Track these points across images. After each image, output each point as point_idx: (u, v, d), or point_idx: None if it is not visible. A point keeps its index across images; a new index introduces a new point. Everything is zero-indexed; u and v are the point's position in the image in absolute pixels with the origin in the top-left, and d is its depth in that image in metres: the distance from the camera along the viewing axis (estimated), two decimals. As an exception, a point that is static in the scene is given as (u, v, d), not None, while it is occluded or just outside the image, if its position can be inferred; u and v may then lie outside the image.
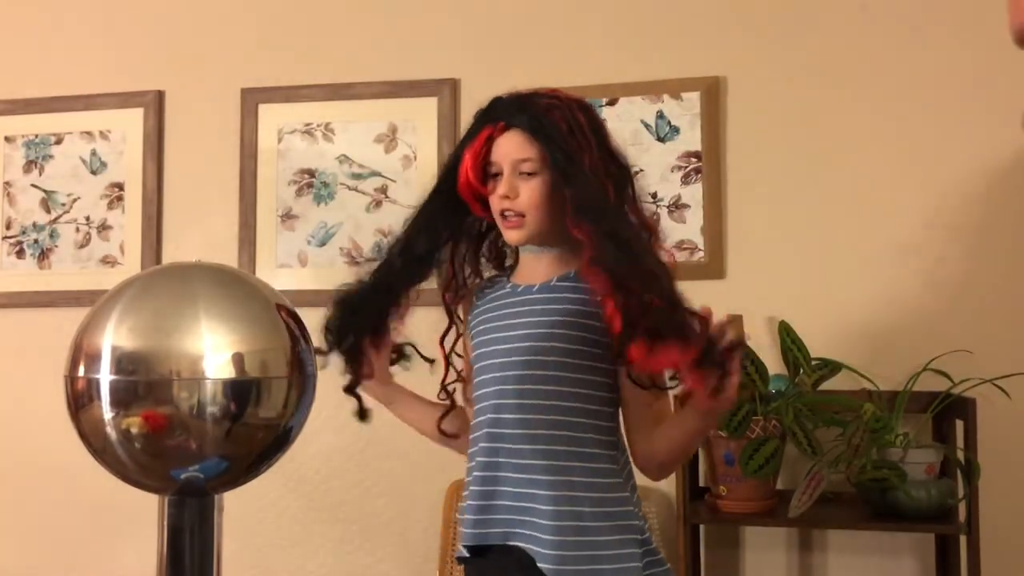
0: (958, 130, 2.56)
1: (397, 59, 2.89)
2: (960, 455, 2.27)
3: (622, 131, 2.65)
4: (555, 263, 1.63)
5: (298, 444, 1.63)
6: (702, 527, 2.57)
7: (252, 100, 2.96)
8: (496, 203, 1.61)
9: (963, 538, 2.28)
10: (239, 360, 1.48)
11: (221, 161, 2.97)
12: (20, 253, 3.10)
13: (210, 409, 1.45)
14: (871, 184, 2.59)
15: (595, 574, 1.53)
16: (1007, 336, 2.49)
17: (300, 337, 1.60)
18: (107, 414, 1.46)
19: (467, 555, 1.62)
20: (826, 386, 2.39)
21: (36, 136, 3.10)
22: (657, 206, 2.66)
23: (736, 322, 2.40)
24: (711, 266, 2.64)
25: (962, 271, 2.53)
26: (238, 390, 1.47)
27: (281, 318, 1.57)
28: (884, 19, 2.62)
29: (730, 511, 2.36)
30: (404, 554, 2.82)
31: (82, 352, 1.50)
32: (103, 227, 3.04)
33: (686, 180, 2.67)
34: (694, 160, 2.67)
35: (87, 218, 3.05)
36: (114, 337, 1.48)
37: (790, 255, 2.62)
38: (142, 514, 1.86)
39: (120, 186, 3.04)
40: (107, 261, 3.03)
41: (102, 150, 3.05)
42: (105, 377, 1.46)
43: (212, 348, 1.47)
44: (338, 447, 2.85)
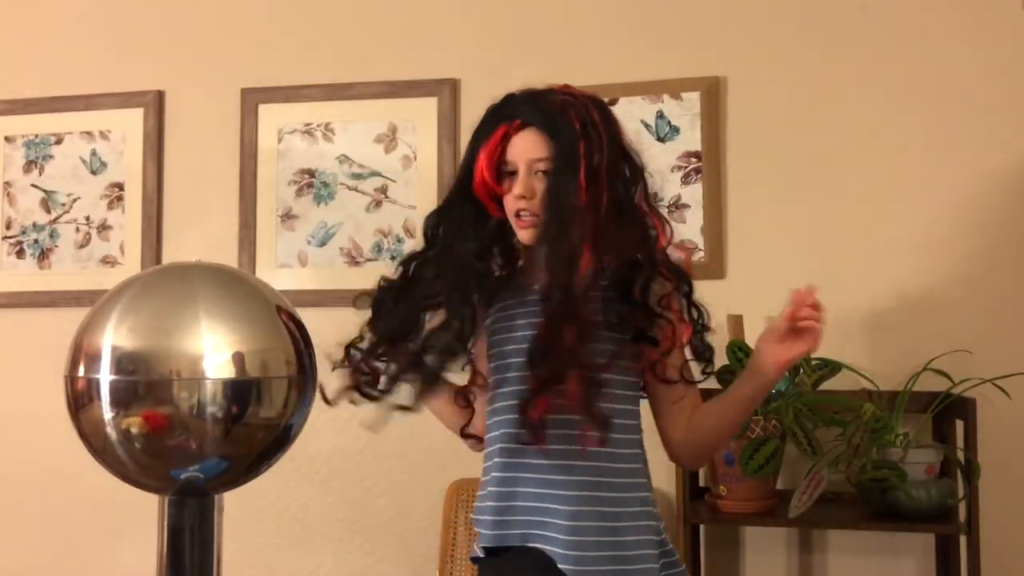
0: (958, 130, 2.56)
1: (397, 59, 2.89)
2: (960, 455, 2.27)
3: (622, 131, 2.65)
4: None
5: (298, 444, 1.63)
6: (702, 527, 2.57)
7: (252, 100, 2.96)
8: (512, 203, 1.60)
9: (963, 538, 2.28)
10: (239, 360, 1.48)
11: (221, 161, 2.98)
12: (20, 253, 3.10)
13: (210, 409, 1.45)
14: (871, 184, 2.59)
15: (617, 575, 1.52)
16: (1007, 336, 2.49)
17: (300, 337, 1.59)
18: (107, 414, 1.46)
19: (481, 555, 1.62)
20: (826, 386, 2.39)
21: (36, 136, 3.10)
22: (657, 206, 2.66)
23: (736, 322, 2.40)
24: (711, 266, 2.64)
25: (962, 271, 2.53)
26: (238, 390, 1.47)
27: (281, 318, 1.57)
28: (884, 19, 2.62)
29: (730, 511, 2.36)
30: (404, 554, 2.82)
31: (82, 352, 1.50)
32: (103, 227, 3.04)
33: (686, 180, 2.67)
34: (694, 160, 2.67)
35: (87, 218, 3.05)
36: (114, 337, 1.48)
37: (790, 255, 2.62)
38: (142, 514, 1.86)
39: (120, 186, 3.04)
40: (107, 261, 3.03)
41: (102, 150, 3.05)
42: (105, 377, 1.46)
43: (212, 348, 1.47)
44: (338, 447, 2.85)
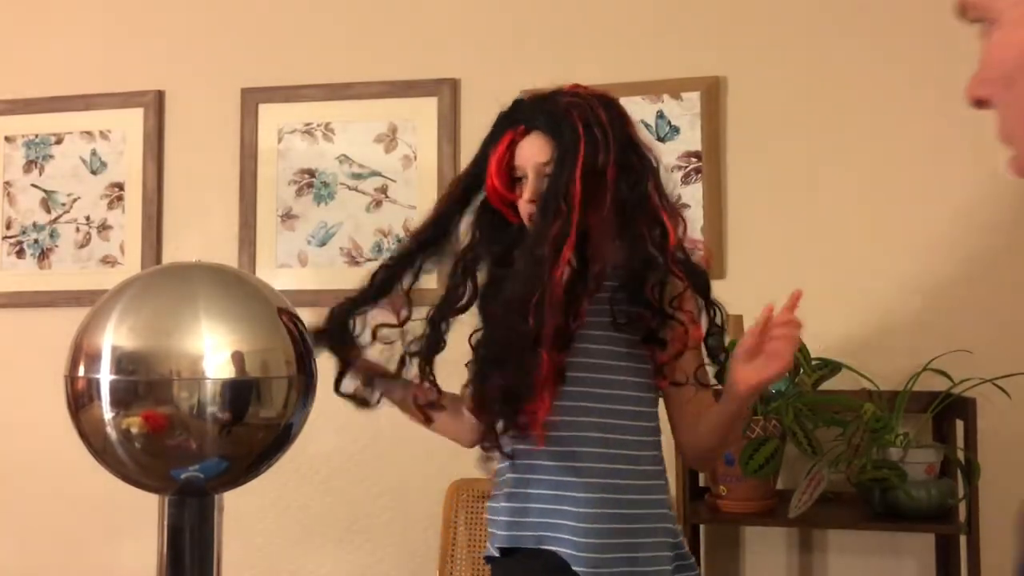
0: (959, 130, 2.55)
1: (397, 59, 2.89)
2: (960, 455, 2.27)
3: (622, 131, 2.65)
4: None
5: (298, 444, 1.63)
6: (702, 527, 2.57)
7: (252, 100, 2.96)
8: (524, 207, 1.60)
9: (963, 538, 2.28)
10: (239, 360, 1.48)
11: (221, 161, 2.98)
12: (20, 253, 3.10)
13: (210, 409, 1.45)
14: (871, 184, 2.59)
15: None
16: (1007, 336, 2.49)
17: (300, 337, 1.59)
18: (107, 414, 1.46)
19: (497, 555, 1.62)
20: (826, 386, 2.39)
21: (36, 136, 3.10)
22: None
23: (736, 322, 2.40)
24: (711, 266, 2.64)
25: (962, 271, 2.53)
26: (238, 390, 1.47)
27: (281, 318, 1.57)
28: (884, 19, 2.62)
29: (730, 511, 2.36)
30: (404, 554, 2.82)
31: (82, 352, 1.50)
32: (103, 227, 3.04)
33: (686, 180, 2.67)
34: (694, 160, 2.67)
35: (87, 218, 3.05)
36: (114, 337, 1.48)
37: (790, 255, 2.62)
38: (142, 514, 1.85)
39: (120, 186, 3.04)
40: (107, 261, 3.03)
41: (102, 150, 3.05)
42: (105, 377, 1.46)
43: (212, 348, 1.47)
44: (338, 447, 2.85)
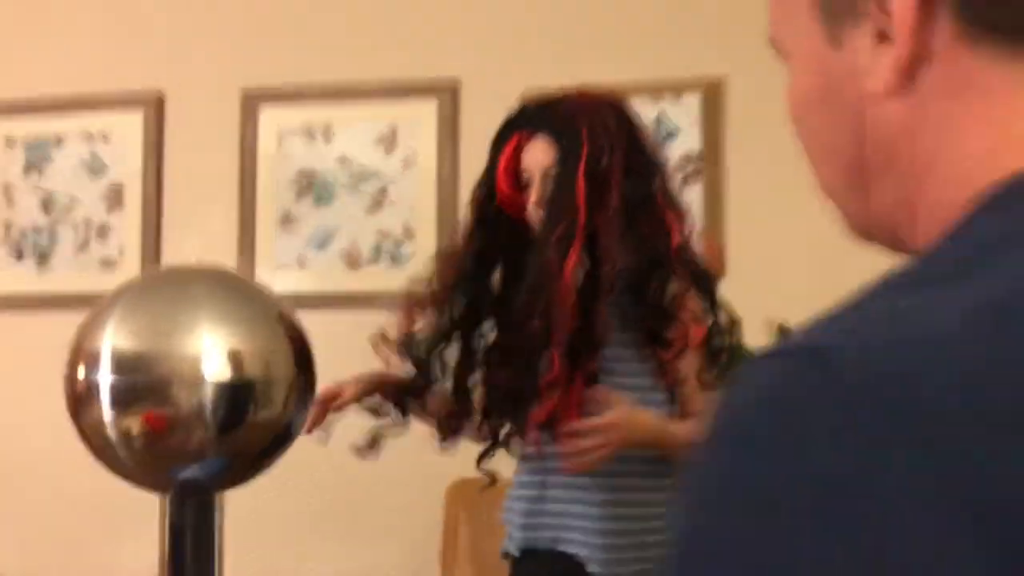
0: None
1: (397, 59, 2.89)
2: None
3: (622, 132, 2.65)
4: None
5: (298, 444, 1.63)
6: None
7: (252, 101, 2.96)
8: (532, 211, 1.62)
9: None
10: (239, 361, 1.48)
11: (221, 163, 2.97)
12: (20, 255, 3.09)
13: (210, 409, 1.46)
14: (871, 184, 2.60)
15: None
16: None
17: (300, 338, 1.60)
18: (107, 415, 1.46)
19: (516, 554, 1.63)
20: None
21: (36, 138, 3.10)
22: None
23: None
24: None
25: (962, 271, 2.53)
26: (238, 391, 1.48)
27: (280, 320, 1.57)
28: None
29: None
30: (404, 554, 2.82)
31: (82, 353, 1.50)
32: (103, 229, 3.04)
33: (686, 181, 2.67)
34: (694, 161, 2.68)
35: (87, 220, 3.05)
36: (114, 338, 1.48)
37: (790, 256, 2.62)
38: (142, 514, 1.86)
39: (120, 188, 3.03)
40: (107, 263, 3.02)
41: (102, 152, 3.05)
42: (105, 378, 1.46)
43: (212, 349, 1.47)
44: (338, 447, 2.85)
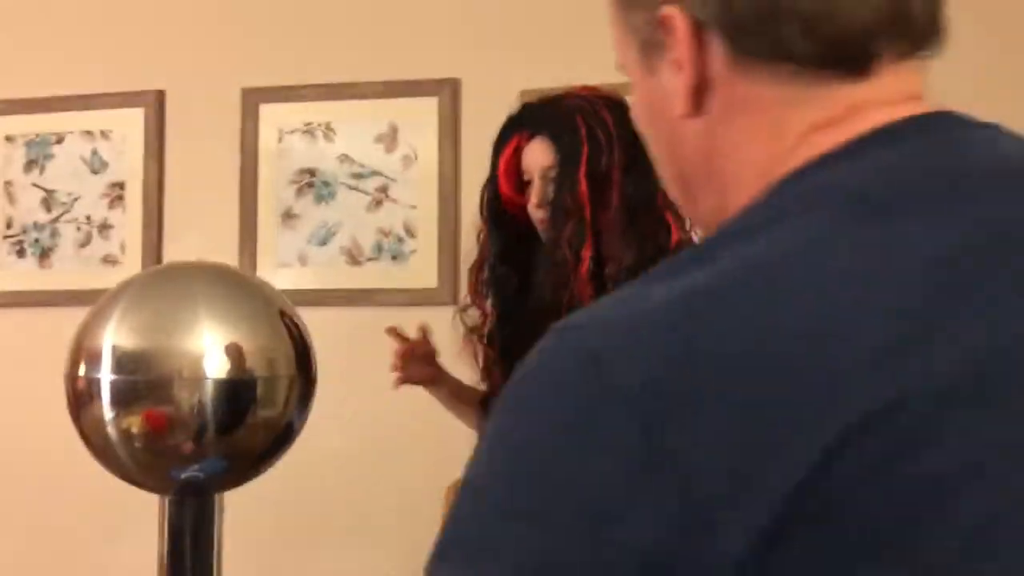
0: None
1: (397, 59, 2.89)
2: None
3: (623, 131, 2.65)
4: None
5: (298, 444, 1.63)
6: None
7: (252, 100, 2.96)
8: (533, 212, 1.63)
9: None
10: (239, 359, 1.48)
11: (221, 161, 2.97)
12: (21, 252, 3.10)
13: (211, 409, 1.45)
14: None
15: None
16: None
17: (300, 337, 1.60)
18: (107, 414, 1.46)
19: None
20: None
21: (37, 136, 3.10)
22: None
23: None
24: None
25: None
26: (239, 390, 1.48)
27: (282, 318, 1.57)
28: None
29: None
30: (404, 554, 2.81)
31: (82, 352, 1.50)
32: (104, 226, 3.04)
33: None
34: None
35: (88, 217, 3.05)
36: (115, 337, 1.48)
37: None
38: (142, 514, 1.86)
39: (121, 185, 3.04)
40: (108, 260, 3.03)
41: (103, 149, 3.05)
42: (106, 377, 1.46)
43: (212, 347, 1.47)
44: (338, 447, 2.85)
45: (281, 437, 1.56)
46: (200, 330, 1.48)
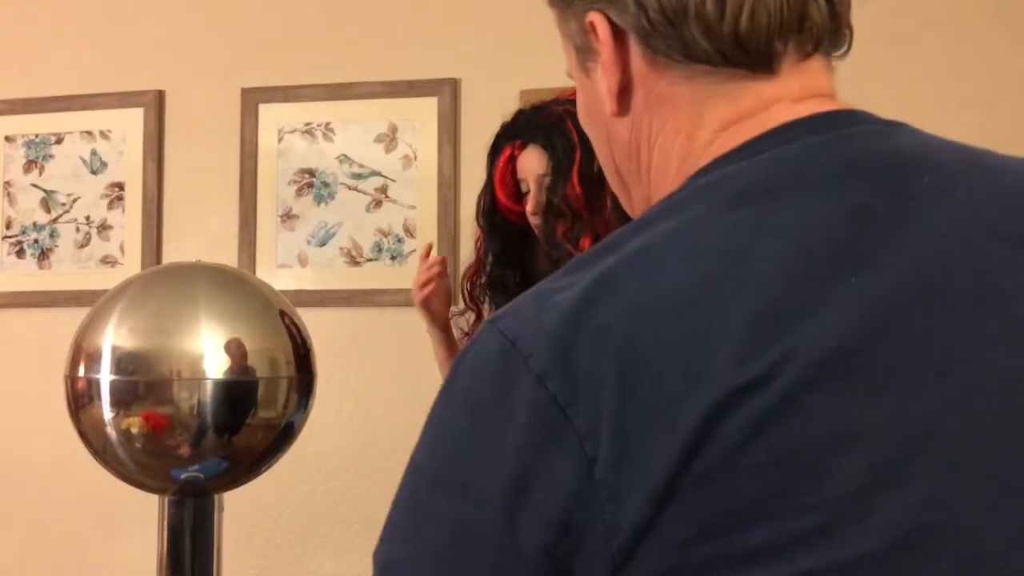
0: (959, 128, 2.55)
1: (397, 59, 2.89)
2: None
3: (622, 131, 2.65)
4: None
5: (298, 444, 1.63)
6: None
7: (252, 100, 2.96)
8: (531, 220, 1.64)
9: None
10: (239, 360, 1.48)
11: (221, 161, 2.97)
12: (20, 253, 3.10)
13: (210, 409, 1.45)
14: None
15: None
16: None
17: (300, 337, 1.60)
18: (107, 414, 1.46)
19: None
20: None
21: (36, 136, 3.10)
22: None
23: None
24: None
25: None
26: (239, 390, 1.47)
27: (282, 318, 1.57)
28: (883, 17, 2.62)
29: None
30: (404, 554, 2.82)
31: (82, 352, 1.50)
32: (103, 227, 3.04)
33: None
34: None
35: (87, 218, 3.05)
36: (114, 337, 1.48)
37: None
38: (142, 514, 1.86)
39: (120, 186, 3.04)
40: (107, 261, 3.03)
41: (102, 150, 3.05)
42: (105, 377, 1.46)
43: (212, 348, 1.47)
44: (338, 447, 2.85)
45: (281, 437, 1.56)
46: (200, 330, 1.48)
